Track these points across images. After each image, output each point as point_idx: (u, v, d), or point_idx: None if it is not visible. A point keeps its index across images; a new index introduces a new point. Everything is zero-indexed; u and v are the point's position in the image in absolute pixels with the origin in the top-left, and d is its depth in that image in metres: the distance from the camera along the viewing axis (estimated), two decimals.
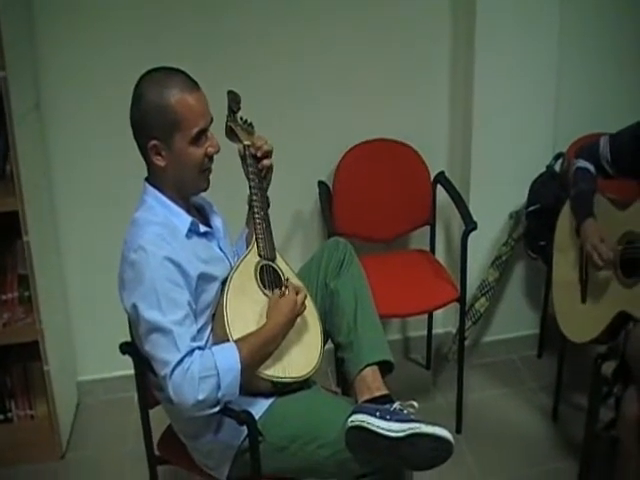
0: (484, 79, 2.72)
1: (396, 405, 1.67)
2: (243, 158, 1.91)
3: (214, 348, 1.63)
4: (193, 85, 1.66)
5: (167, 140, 1.64)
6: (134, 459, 2.24)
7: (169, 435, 1.92)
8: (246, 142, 1.90)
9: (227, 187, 1.98)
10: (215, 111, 1.73)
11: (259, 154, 1.89)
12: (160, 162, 1.67)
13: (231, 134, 1.94)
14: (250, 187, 1.88)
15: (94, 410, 2.83)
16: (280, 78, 2.66)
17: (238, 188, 1.97)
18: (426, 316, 2.95)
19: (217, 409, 1.61)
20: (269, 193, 1.95)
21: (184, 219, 1.72)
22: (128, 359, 1.81)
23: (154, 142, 1.64)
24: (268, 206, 1.92)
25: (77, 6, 2.49)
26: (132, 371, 1.84)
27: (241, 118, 1.97)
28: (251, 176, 1.88)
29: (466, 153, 2.83)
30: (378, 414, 1.62)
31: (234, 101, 1.96)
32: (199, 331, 1.66)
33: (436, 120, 2.88)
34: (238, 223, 2.02)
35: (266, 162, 1.90)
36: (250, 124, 1.98)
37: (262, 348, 1.68)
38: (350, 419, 1.63)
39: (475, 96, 2.73)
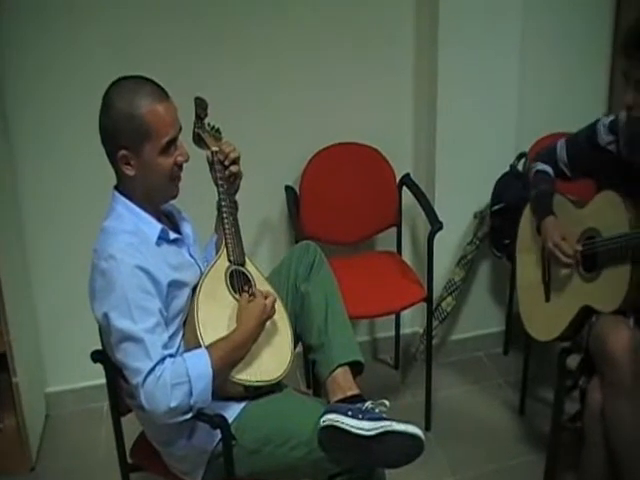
0: (448, 82, 2.75)
1: (368, 404, 1.69)
2: (211, 164, 1.92)
3: (185, 355, 1.64)
4: (163, 94, 1.67)
5: (136, 150, 1.64)
6: (106, 468, 2.22)
7: (142, 442, 1.91)
8: (214, 148, 1.91)
9: (195, 193, 1.99)
10: (182, 118, 1.73)
11: (227, 162, 1.90)
12: (129, 171, 1.67)
13: (199, 141, 1.95)
14: (219, 193, 1.90)
15: (64, 421, 2.80)
16: (246, 83, 2.67)
17: (206, 194, 1.98)
18: (394, 317, 2.98)
19: (190, 415, 1.61)
20: (237, 198, 1.96)
21: (154, 226, 1.72)
22: (97, 369, 1.80)
23: (123, 152, 1.64)
24: (237, 210, 1.94)
25: (43, 16, 2.45)
26: (102, 381, 1.83)
27: (208, 124, 1.98)
28: (220, 182, 1.89)
29: (431, 155, 2.87)
30: (350, 413, 1.64)
31: (201, 107, 1.96)
32: (170, 338, 1.67)
33: (401, 123, 2.91)
34: (207, 229, 2.03)
35: (234, 169, 1.91)
36: (217, 130, 1.99)
37: (233, 353, 1.69)
38: (322, 419, 1.65)
39: (439, 99, 2.76)
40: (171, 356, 1.61)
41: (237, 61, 2.65)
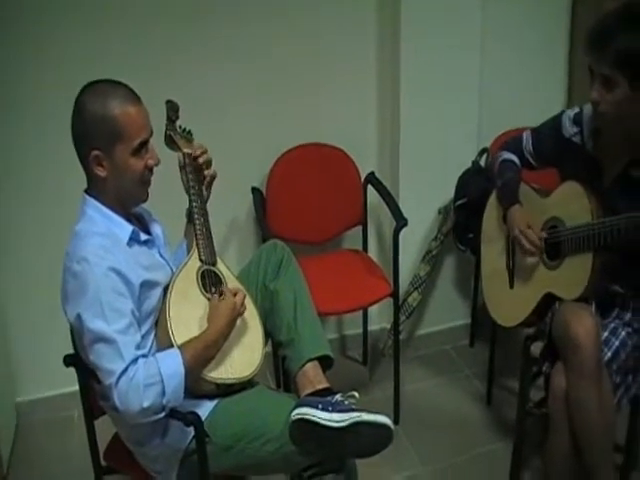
0: (410, 81, 2.79)
1: (337, 397, 1.73)
2: (183, 167, 1.94)
3: (158, 355, 1.66)
4: (135, 98, 1.69)
5: (109, 151, 1.66)
6: (79, 475, 2.20)
7: (115, 444, 1.92)
8: (186, 150, 1.94)
9: (165, 196, 1.99)
10: (152, 122, 1.75)
11: (200, 160, 1.93)
12: (101, 173, 1.68)
13: (171, 143, 1.97)
14: (190, 194, 1.92)
15: (35, 430, 2.77)
16: (212, 86, 2.67)
17: (176, 197, 2.00)
18: (361, 314, 3.02)
19: (162, 415, 1.63)
20: None
21: (125, 228, 1.74)
22: (67, 377, 1.81)
23: (96, 152, 1.66)
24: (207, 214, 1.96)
25: (11, 19, 2.43)
26: (72, 388, 1.84)
27: (180, 126, 2.00)
28: (191, 183, 1.92)
29: (394, 153, 2.90)
30: (320, 406, 1.67)
31: (172, 110, 1.99)
32: (143, 338, 1.69)
33: (365, 122, 2.94)
34: (177, 230, 2.04)
35: (207, 172, 1.95)
36: (189, 132, 2.01)
37: (205, 351, 1.71)
38: (293, 413, 1.68)
39: (402, 98, 2.80)
40: (144, 356, 1.63)
41: (203, 64, 2.65)
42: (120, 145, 1.66)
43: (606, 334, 2.03)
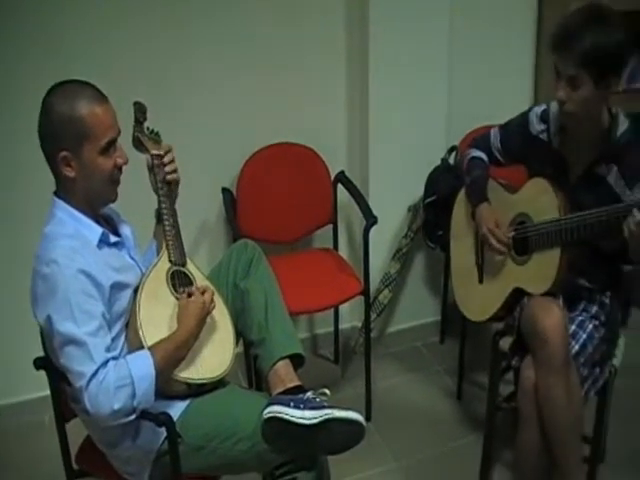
0: (379, 81, 2.80)
1: (309, 394, 1.74)
2: (151, 168, 1.94)
3: (128, 357, 1.66)
4: (102, 97, 1.69)
5: (77, 150, 1.66)
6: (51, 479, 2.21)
7: (87, 446, 1.91)
8: (154, 151, 1.94)
9: (134, 197, 1.99)
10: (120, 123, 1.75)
11: (166, 159, 1.93)
12: (70, 173, 1.68)
13: (138, 144, 1.97)
14: (159, 195, 1.92)
15: (5, 436, 2.72)
16: (179, 86, 2.66)
17: (145, 197, 1.99)
18: (332, 312, 3.03)
19: (133, 417, 1.63)
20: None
21: (94, 230, 1.74)
22: (36, 382, 1.80)
23: (64, 153, 1.65)
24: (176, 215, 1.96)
25: None
26: (41, 393, 1.83)
27: (147, 128, 2.00)
28: (159, 184, 1.91)
29: (364, 152, 2.92)
30: (292, 404, 1.68)
31: (140, 111, 1.98)
32: (113, 340, 1.68)
33: (334, 121, 2.95)
34: (146, 231, 2.03)
35: (171, 177, 1.94)
36: (157, 134, 2.01)
37: (175, 352, 1.71)
38: (265, 411, 1.69)
39: (371, 97, 2.81)
40: (114, 359, 1.63)
41: (172, 63, 2.64)
42: (88, 145, 1.66)
43: (573, 327, 2.07)
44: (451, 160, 2.95)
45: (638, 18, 2.17)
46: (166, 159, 1.94)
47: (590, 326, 2.09)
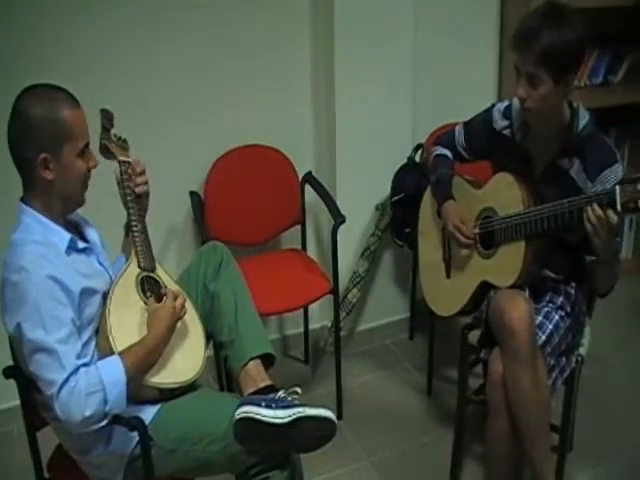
0: (344, 81, 2.81)
1: (280, 393, 1.75)
2: (120, 182, 1.92)
3: (99, 363, 1.65)
4: (75, 101, 1.70)
5: (56, 152, 1.66)
6: None
7: (59, 454, 1.91)
8: (121, 158, 1.93)
9: (101, 204, 1.98)
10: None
11: (139, 169, 1.93)
12: (48, 175, 1.67)
13: (106, 152, 1.96)
14: (127, 202, 1.91)
15: None
16: (146, 91, 2.65)
17: (112, 204, 1.98)
18: (302, 313, 3.03)
19: (105, 422, 1.63)
20: None
21: (63, 236, 1.73)
22: (4, 391, 1.77)
23: (44, 155, 1.64)
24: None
25: None
26: (9, 404, 1.80)
27: (115, 135, 1.99)
28: (127, 190, 1.91)
29: (331, 152, 2.92)
30: (264, 404, 1.69)
31: (107, 118, 1.98)
32: (84, 346, 1.67)
33: (301, 122, 2.95)
34: (113, 239, 2.03)
35: (144, 188, 1.94)
36: (124, 140, 2.00)
37: (146, 357, 1.71)
38: (237, 412, 1.69)
39: (337, 97, 2.82)
40: (85, 365, 1.62)
41: (137, 67, 2.62)
42: (67, 146, 1.67)
43: (540, 318, 2.11)
44: (417, 158, 2.97)
45: (598, 15, 2.20)
46: (139, 169, 1.93)
47: (556, 317, 2.13)
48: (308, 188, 2.90)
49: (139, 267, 1.86)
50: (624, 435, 2.62)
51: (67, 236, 1.74)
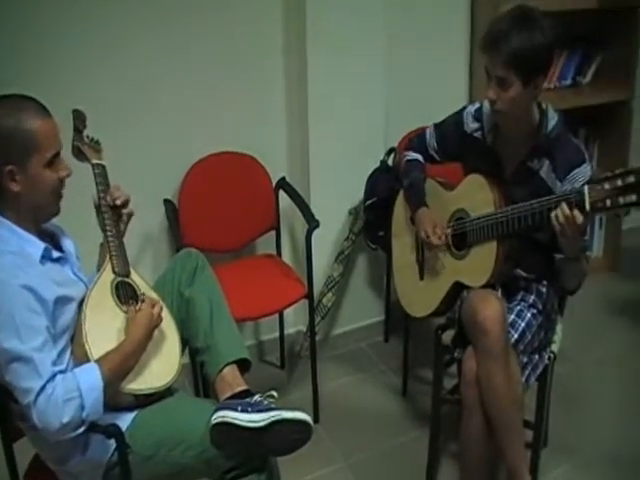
0: (317, 87, 2.83)
1: (256, 397, 1.76)
2: (98, 207, 1.92)
3: (75, 370, 1.65)
4: (46, 111, 1.69)
5: (23, 164, 1.65)
6: None
7: (36, 465, 1.89)
8: (94, 161, 1.93)
9: (76, 213, 1.96)
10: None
11: (118, 202, 1.92)
12: (15, 187, 1.66)
13: (78, 154, 1.96)
14: (100, 205, 1.91)
15: None
16: (119, 98, 2.63)
17: (87, 214, 1.97)
18: (277, 318, 3.03)
19: (83, 429, 1.62)
20: None
21: (37, 246, 1.72)
22: None
23: (10, 167, 1.64)
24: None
25: None
26: None
27: (87, 136, 1.99)
28: (101, 194, 1.91)
29: (304, 157, 2.94)
30: (240, 408, 1.70)
31: (79, 119, 1.98)
32: (59, 354, 1.67)
33: (274, 128, 2.96)
34: (87, 248, 2.02)
35: (126, 211, 1.95)
36: (97, 142, 2.00)
37: (123, 364, 1.71)
38: (213, 417, 1.70)
39: (309, 103, 2.84)
40: (61, 372, 1.62)
41: (111, 75, 2.61)
42: (34, 157, 1.66)
43: (512, 317, 2.13)
44: (390, 162, 2.99)
45: (564, 18, 2.24)
46: (122, 198, 1.93)
47: (528, 315, 2.16)
48: (282, 194, 2.91)
49: (114, 272, 1.86)
50: (597, 430, 2.66)
51: (41, 245, 1.73)
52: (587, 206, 1.83)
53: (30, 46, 2.48)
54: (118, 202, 1.93)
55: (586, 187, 1.84)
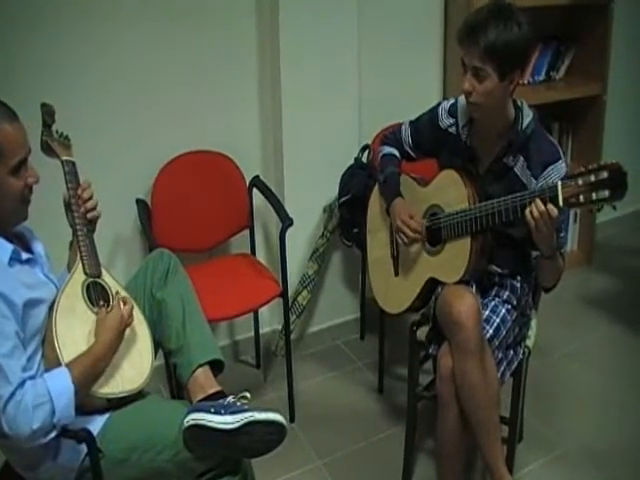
0: (290, 85, 2.81)
1: (229, 399, 1.75)
2: (68, 205, 1.89)
3: (45, 375, 1.63)
4: (12, 115, 1.65)
5: None
6: None
7: (6, 472, 1.86)
8: (64, 157, 1.90)
9: (45, 213, 1.95)
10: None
11: (89, 206, 1.90)
12: None
13: (48, 150, 1.92)
14: (71, 204, 1.88)
15: None
16: (89, 96, 2.59)
17: (56, 213, 1.96)
18: (252, 317, 3.02)
19: (54, 434, 1.60)
20: None
21: (5, 248, 1.69)
22: None
23: None
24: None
25: None
26: None
27: (57, 131, 1.95)
28: (71, 192, 1.88)
29: (278, 155, 2.93)
30: (212, 410, 1.69)
31: (48, 114, 1.93)
32: (30, 359, 1.65)
33: (248, 127, 2.94)
34: (61, 247, 2.00)
35: (94, 214, 1.92)
36: (66, 137, 1.97)
37: (94, 366, 1.70)
38: (186, 419, 1.69)
39: (283, 101, 2.83)
40: (31, 378, 1.59)
41: (85, 72, 2.57)
42: None
43: (487, 312, 2.14)
44: (364, 159, 2.99)
45: (536, 13, 2.25)
46: (85, 195, 1.90)
47: (503, 310, 2.16)
48: (256, 192, 2.90)
49: (85, 273, 1.84)
50: (572, 423, 2.68)
51: (9, 247, 1.70)
52: (560, 202, 1.84)
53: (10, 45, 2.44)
54: (89, 215, 1.90)
55: (559, 183, 1.85)
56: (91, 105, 2.61)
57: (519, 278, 2.23)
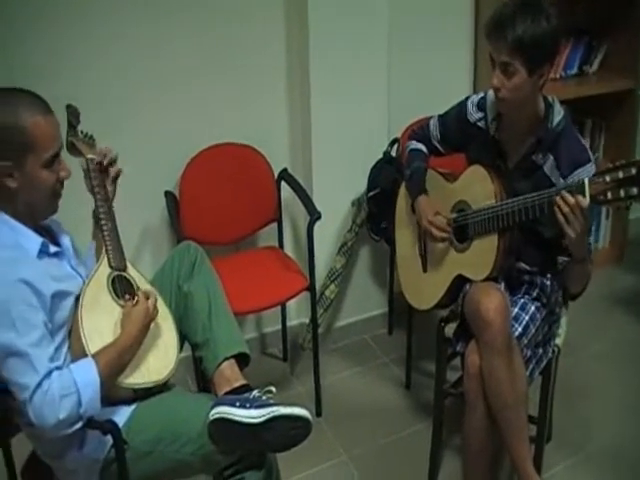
0: (320, 76, 2.79)
1: (255, 393, 1.74)
2: (86, 172, 1.90)
3: (72, 366, 1.64)
4: (46, 107, 1.66)
5: (19, 162, 1.62)
6: None
7: (33, 461, 1.88)
8: (89, 156, 1.91)
9: (72, 204, 1.92)
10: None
11: (106, 162, 1.91)
12: (11, 183, 1.64)
13: (73, 149, 1.94)
14: (96, 200, 1.89)
15: None
16: (118, 89, 2.61)
17: (84, 205, 1.96)
18: (279, 310, 3.02)
19: (80, 425, 1.61)
20: (117, 206, 1.95)
21: (34, 240, 1.70)
22: None
23: (5, 163, 1.61)
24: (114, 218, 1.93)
25: None
26: None
27: (82, 132, 1.97)
28: (96, 189, 1.89)
29: (306, 148, 2.92)
30: (238, 404, 1.68)
31: (73, 115, 1.95)
32: (56, 350, 1.65)
33: (276, 119, 2.93)
34: (86, 236, 2.00)
35: (114, 169, 1.93)
36: (91, 137, 1.98)
37: (119, 358, 1.70)
38: (211, 413, 1.69)
39: (312, 93, 2.81)
40: (58, 368, 1.60)
41: (111, 66, 2.58)
42: (31, 156, 1.63)
43: (516, 310, 2.12)
44: (393, 153, 2.97)
45: (566, 7, 2.21)
46: (105, 162, 1.91)
47: (532, 308, 2.14)
48: (284, 185, 2.89)
49: (110, 266, 1.84)
50: (601, 424, 2.64)
51: (38, 240, 1.71)
52: (587, 198, 1.81)
53: (30, 41, 2.45)
54: (106, 161, 1.91)
55: (586, 179, 1.82)
56: (121, 99, 2.63)
57: (549, 276, 2.20)
